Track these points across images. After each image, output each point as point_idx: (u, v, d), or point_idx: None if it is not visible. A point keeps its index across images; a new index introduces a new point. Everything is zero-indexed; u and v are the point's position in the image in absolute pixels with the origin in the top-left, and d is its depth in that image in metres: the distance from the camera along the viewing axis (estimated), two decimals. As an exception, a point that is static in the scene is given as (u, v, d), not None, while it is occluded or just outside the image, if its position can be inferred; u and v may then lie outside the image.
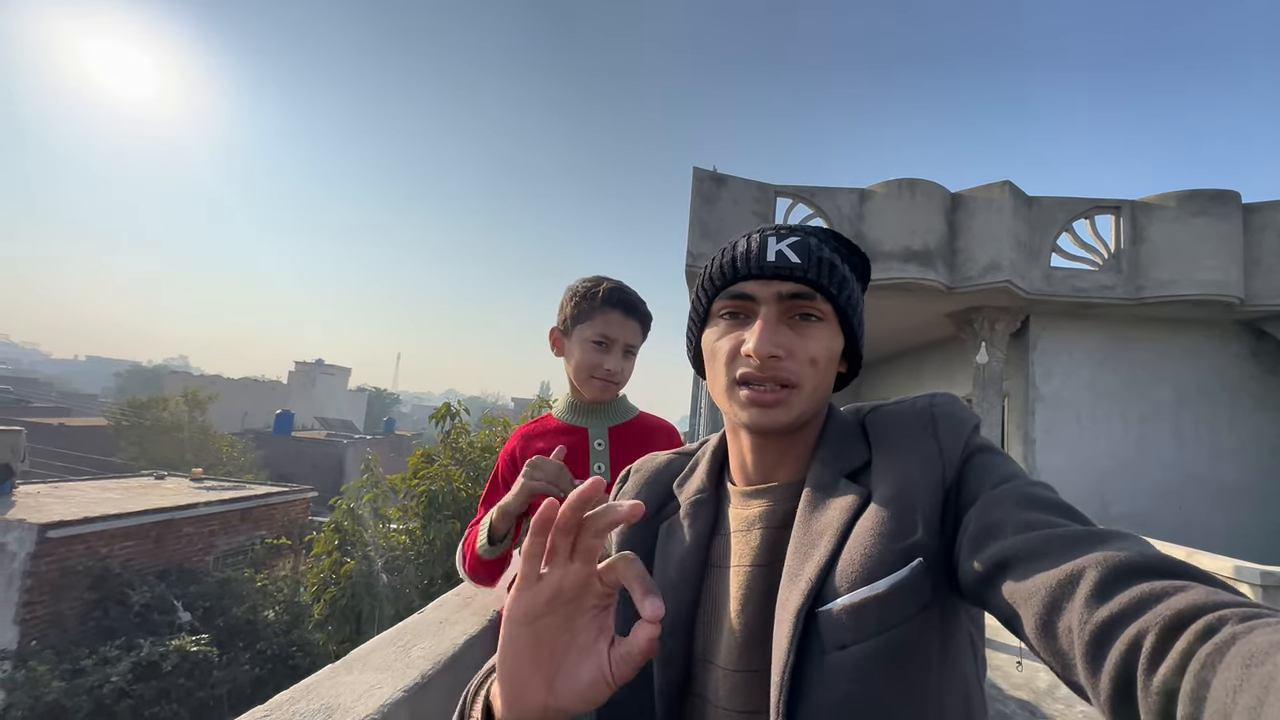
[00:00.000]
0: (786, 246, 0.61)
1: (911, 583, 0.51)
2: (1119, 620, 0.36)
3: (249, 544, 10.91)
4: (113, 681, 6.59)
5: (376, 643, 1.02)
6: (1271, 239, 7.65)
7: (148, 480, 12.74)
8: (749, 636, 0.57)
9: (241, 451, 23.98)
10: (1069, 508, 0.49)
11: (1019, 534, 0.46)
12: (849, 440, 0.62)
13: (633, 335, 1.30)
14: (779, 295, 0.60)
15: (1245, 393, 8.21)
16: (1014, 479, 0.53)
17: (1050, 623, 0.41)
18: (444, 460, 6.78)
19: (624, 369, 1.30)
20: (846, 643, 0.50)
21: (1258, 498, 7.96)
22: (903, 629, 0.50)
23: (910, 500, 0.54)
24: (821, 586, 0.53)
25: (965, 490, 0.55)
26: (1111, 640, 0.36)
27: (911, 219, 7.75)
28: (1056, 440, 8.25)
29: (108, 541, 8.46)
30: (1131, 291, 7.72)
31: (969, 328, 8.40)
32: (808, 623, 0.52)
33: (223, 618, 8.47)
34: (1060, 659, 0.40)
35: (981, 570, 0.48)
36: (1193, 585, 0.36)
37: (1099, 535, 0.44)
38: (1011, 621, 0.45)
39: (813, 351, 0.60)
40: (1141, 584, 0.38)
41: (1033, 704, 3.89)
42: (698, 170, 8.00)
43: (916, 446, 0.58)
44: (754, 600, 0.58)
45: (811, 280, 0.60)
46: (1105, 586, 0.39)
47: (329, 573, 6.68)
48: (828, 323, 0.61)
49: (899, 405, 0.64)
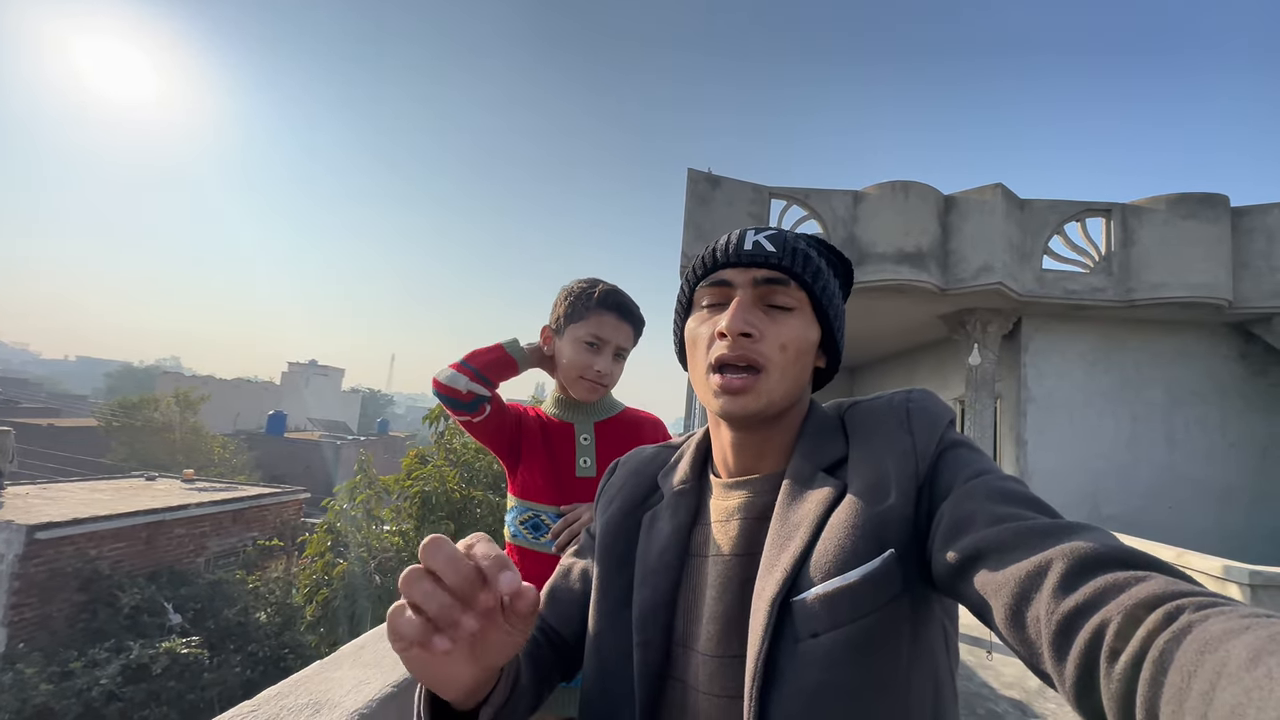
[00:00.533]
0: (764, 238, 0.64)
1: (883, 573, 0.52)
2: (1083, 610, 0.38)
3: (241, 545, 10.84)
4: (102, 684, 6.53)
5: (366, 639, 1.02)
6: (1260, 242, 7.73)
7: (138, 481, 12.64)
8: (727, 624, 0.58)
9: (234, 452, 23.85)
10: (1039, 501, 0.51)
11: (990, 527, 0.48)
12: (828, 435, 0.64)
13: (625, 339, 1.31)
14: (754, 281, 0.63)
15: (1235, 394, 8.29)
16: (986, 474, 0.54)
17: (1019, 613, 0.42)
18: (438, 461, 6.76)
19: (614, 371, 1.31)
20: (818, 631, 0.52)
21: (1247, 498, 8.04)
22: (873, 618, 0.52)
23: (884, 494, 0.56)
24: (796, 577, 0.54)
25: (938, 484, 0.56)
26: (1076, 630, 0.38)
27: (905, 221, 7.79)
28: (1049, 441, 8.30)
29: (97, 543, 8.39)
30: (1122, 294, 7.78)
31: (962, 329, 8.44)
32: (782, 611, 0.53)
33: (214, 620, 8.41)
34: (1028, 648, 0.42)
35: (954, 562, 0.49)
36: (1153, 575, 0.38)
37: (1066, 528, 0.45)
38: (982, 612, 0.47)
39: (784, 336, 0.61)
40: (1105, 575, 0.39)
41: (1024, 703, 3.91)
42: (692, 172, 8.01)
43: (891, 441, 0.60)
44: (731, 589, 0.60)
45: (785, 267, 0.62)
46: (1071, 578, 0.40)
47: (321, 574, 6.64)
48: (802, 311, 0.63)
49: (876, 401, 0.66)
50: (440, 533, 0.49)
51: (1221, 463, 8.15)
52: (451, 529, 6.51)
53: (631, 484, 0.73)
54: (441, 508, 6.52)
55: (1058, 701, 3.93)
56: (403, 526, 6.84)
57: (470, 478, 6.97)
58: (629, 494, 0.72)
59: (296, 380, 62.92)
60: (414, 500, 6.50)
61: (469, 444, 7.20)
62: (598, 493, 0.78)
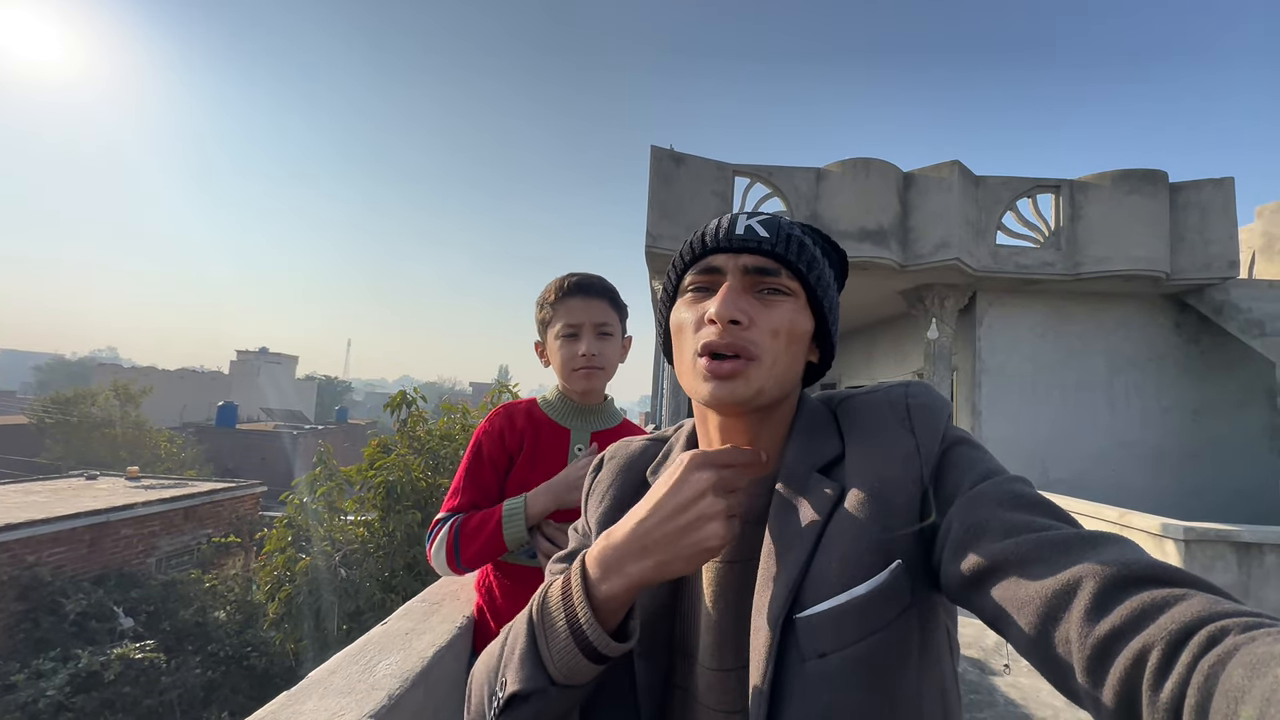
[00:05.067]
0: (757, 223, 0.60)
1: (891, 586, 0.51)
2: (1121, 634, 0.37)
3: (195, 544, 10.41)
4: (49, 695, 6.21)
5: (338, 661, 0.95)
6: (1194, 216, 8.14)
7: (77, 481, 11.95)
8: (723, 635, 0.56)
9: (181, 447, 22.80)
10: (1052, 506, 0.49)
11: (1007, 537, 0.46)
12: (821, 432, 0.61)
13: (600, 314, 1.25)
14: (745, 268, 0.59)
15: (1170, 360, 8.79)
16: (994, 475, 0.53)
17: (1046, 632, 0.41)
18: (401, 450, 6.59)
19: (603, 350, 1.25)
20: (826, 650, 0.50)
21: (1180, 458, 8.59)
22: (883, 634, 0.50)
23: (887, 499, 0.54)
24: (798, 591, 0.52)
25: (943, 486, 0.54)
26: (1114, 654, 0.36)
27: (866, 198, 7.88)
28: (1001, 411, 8.66)
29: (34, 548, 7.91)
30: (1070, 267, 8.10)
31: (920, 304, 8.66)
32: (785, 629, 0.51)
33: (169, 621, 8.08)
34: (1056, 668, 0.40)
35: (968, 573, 0.47)
36: (1193, 594, 0.37)
37: (1089, 539, 0.43)
38: (998, 624, 0.45)
39: (775, 322, 0.58)
40: (1141, 594, 0.37)
41: (981, 661, 4.11)
42: (655, 149, 7.88)
43: (892, 441, 0.57)
44: (726, 597, 0.57)
45: (779, 255, 0.59)
46: (1104, 597, 0.38)
47: (283, 570, 6.43)
48: (795, 299, 0.60)
49: (872, 395, 0.63)
50: (408, 521, 0.46)
51: (1157, 426, 8.67)
52: (418, 517, 6.40)
53: (621, 479, 0.69)
54: (407, 497, 6.38)
55: (1013, 658, 4.14)
56: (367, 517, 6.68)
57: (435, 465, 6.84)
58: (619, 491, 0.68)
59: (247, 369, 60.37)
60: (378, 490, 6.34)
61: (433, 431, 7.07)
62: (585, 490, 0.74)
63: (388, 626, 1.13)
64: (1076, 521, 0.47)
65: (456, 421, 6.61)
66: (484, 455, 1.25)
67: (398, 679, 0.90)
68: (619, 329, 1.30)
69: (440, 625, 1.16)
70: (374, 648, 1.02)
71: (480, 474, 1.24)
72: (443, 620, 1.19)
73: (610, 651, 0.50)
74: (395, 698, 0.85)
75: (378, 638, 1.07)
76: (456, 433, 6.60)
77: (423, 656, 1.00)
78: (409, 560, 5.97)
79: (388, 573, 5.98)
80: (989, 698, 3.85)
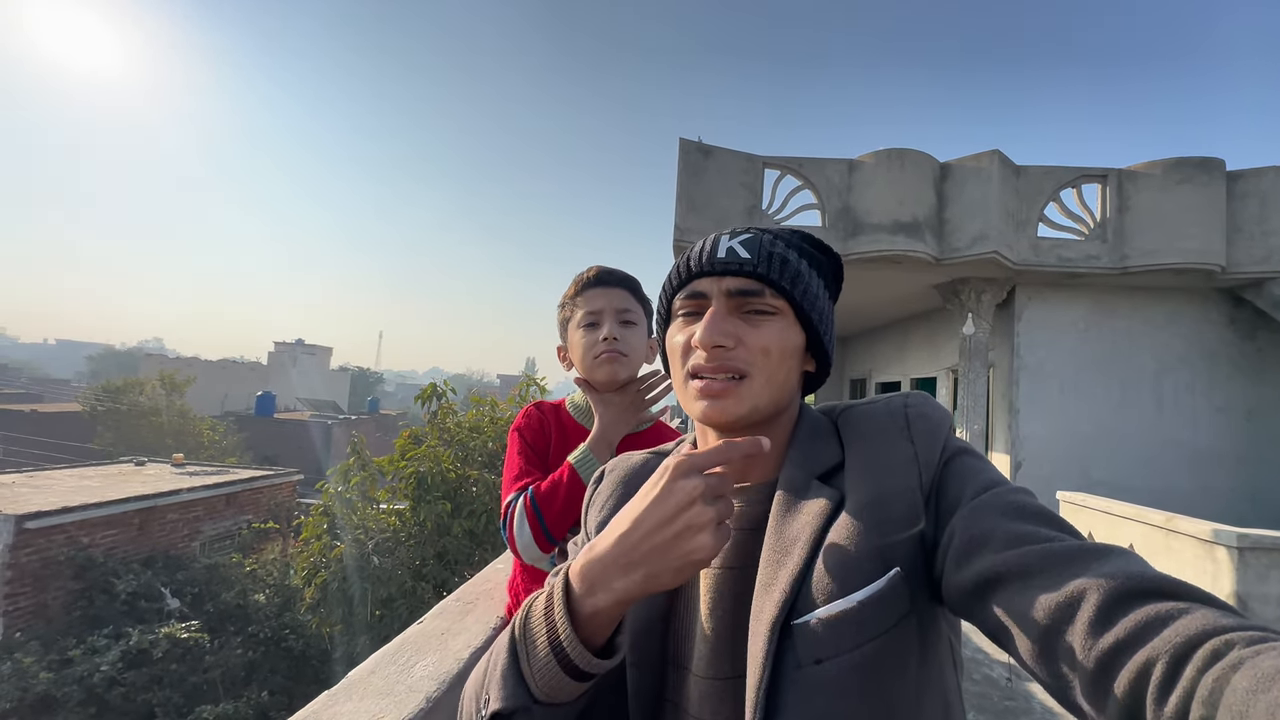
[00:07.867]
0: (737, 243, 0.61)
1: (889, 593, 0.50)
2: (1124, 647, 0.36)
3: (235, 529, 10.81)
4: (102, 670, 6.54)
5: (376, 661, 0.96)
6: (1254, 206, 7.70)
7: (127, 467, 12.50)
8: (719, 643, 0.56)
9: (223, 435, 23.62)
10: (1055, 517, 0.49)
11: (1010, 548, 0.46)
12: (821, 440, 0.61)
13: (620, 300, 1.21)
14: (728, 291, 0.60)
15: (1223, 358, 8.37)
16: (996, 486, 0.53)
17: (1048, 645, 0.41)
18: (431, 441, 6.71)
19: (625, 336, 1.20)
20: (823, 657, 0.49)
21: (1233, 461, 8.20)
22: (881, 641, 0.49)
23: (886, 506, 0.53)
24: (796, 597, 0.52)
25: (945, 496, 0.54)
26: (1117, 667, 0.36)
27: (900, 190, 7.67)
28: (1040, 409, 8.37)
29: (89, 530, 8.32)
30: (1116, 261, 7.76)
31: (955, 299, 8.41)
32: (782, 635, 0.51)
33: (212, 603, 8.42)
34: (1059, 681, 0.40)
35: (970, 584, 0.47)
36: (1197, 607, 0.36)
37: (1092, 551, 0.43)
38: (1000, 637, 0.45)
39: (764, 341, 0.59)
40: (1145, 607, 0.37)
41: (1016, 668, 4.00)
42: (684, 142, 7.80)
43: (891, 449, 0.57)
44: (723, 605, 0.57)
45: (760, 275, 0.60)
46: (1108, 610, 0.38)
47: (319, 556, 6.63)
48: (782, 316, 0.61)
49: (872, 405, 0.63)
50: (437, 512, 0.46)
51: (1207, 427, 8.28)
52: (448, 508, 6.53)
53: (620, 493, 0.70)
54: (437, 488, 6.51)
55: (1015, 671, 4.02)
56: (398, 506, 6.84)
57: (465, 456, 6.96)
58: (617, 505, 0.69)
59: (284, 360, 62.27)
60: (409, 481, 6.49)
61: (462, 423, 7.19)
62: (585, 502, 0.74)
63: (423, 626, 1.14)
64: (1079, 533, 0.47)
65: (485, 414, 6.69)
66: (529, 442, 1.24)
67: (434, 680, 0.91)
68: (643, 321, 1.25)
69: (475, 625, 1.17)
70: (410, 648, 1.03)
71: (532, 457, 1.22)
72: (477, 620, 1.20)
73: (593, 669, 0.49)
74: (433, 700, 0.86)
75: (414, 637, 1.08)
76: (485, 424, 6.69)
77: (458, 658, 1.00)
78: (439, 549, 6.10)
79: (418, 561, 6.11)
80: (1025, 704, 3.75)
